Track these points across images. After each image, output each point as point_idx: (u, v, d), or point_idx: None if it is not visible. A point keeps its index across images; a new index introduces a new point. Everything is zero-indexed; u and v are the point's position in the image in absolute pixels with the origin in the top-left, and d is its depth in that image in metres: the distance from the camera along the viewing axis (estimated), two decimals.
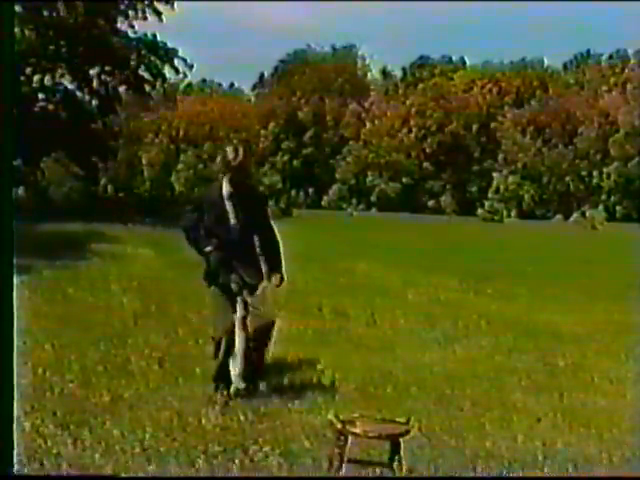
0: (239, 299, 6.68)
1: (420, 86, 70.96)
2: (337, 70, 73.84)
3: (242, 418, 6.28)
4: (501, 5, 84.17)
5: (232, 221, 6.68)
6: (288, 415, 6.44)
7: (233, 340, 6.68)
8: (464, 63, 75.08)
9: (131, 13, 36.76)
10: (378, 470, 4.96)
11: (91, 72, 37.58)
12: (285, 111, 70.38)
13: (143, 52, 37.99)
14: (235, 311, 6.66)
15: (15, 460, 4.05)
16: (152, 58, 38.21)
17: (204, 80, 75.76)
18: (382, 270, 17.33)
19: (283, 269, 6.96)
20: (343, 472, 4.64)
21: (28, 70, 35.76)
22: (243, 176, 6.79)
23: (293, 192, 66.98)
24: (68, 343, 8.59)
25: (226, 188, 6.69)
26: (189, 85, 71.84)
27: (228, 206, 6.68)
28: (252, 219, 6.75)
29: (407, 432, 4.63)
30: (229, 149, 6.80)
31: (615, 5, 64.57)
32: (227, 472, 5.24)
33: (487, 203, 62.25)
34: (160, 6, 36.50)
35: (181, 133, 68.05)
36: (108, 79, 37.96)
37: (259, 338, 6.75)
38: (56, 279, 13.69)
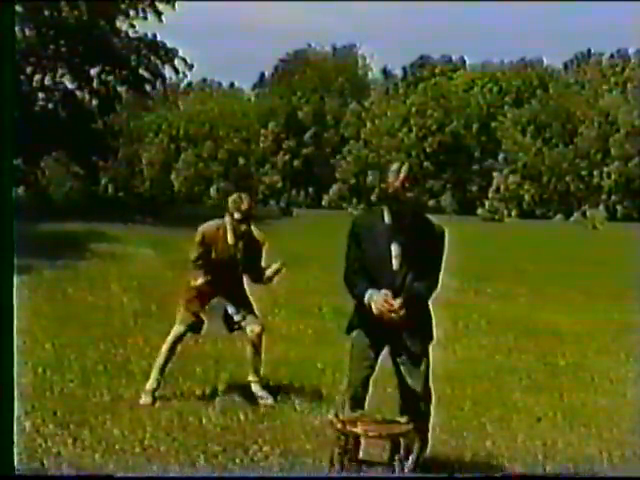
0: None
1: (420, 86, 70.88)
2: (337, 70, 73.78)
3: (242, 418, 6.29)
4: (501, 5, 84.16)
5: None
6: (288, 415, 6.44)
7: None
8: (464, 63, 75.07)
9: (131, 13, 36.78)
10: (378, 470, 4.97)
11: (91, 72, 37.60)
12: (285, 111, 70.32)
13: (143, 52, 38.00)
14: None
15: (15, 460, 4.05)
16: (152, 58, 38.22)
17: (204, 79, 75.73)
18: None
19: None
20: (343, 472, 4.63)
21: (28, 70, 35.78)
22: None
23: (293, 192, 66.97)
24: (68, 343, 8.59)
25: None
26: (189, 84, 71.82)
27: None
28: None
29: (407, 432, 4.62)
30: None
31: (615, 5, 64.58)
32: (227, 472, 5.24)
33: (487, 202, 62.21)
34: (160, 6, 36.52)
35: (181, 132, 67.98)
36: (108, 79, 37.98)
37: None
38: (56, 279, 13.70)
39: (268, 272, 6.96)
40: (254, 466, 5.34)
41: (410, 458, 4.66)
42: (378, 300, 4.76)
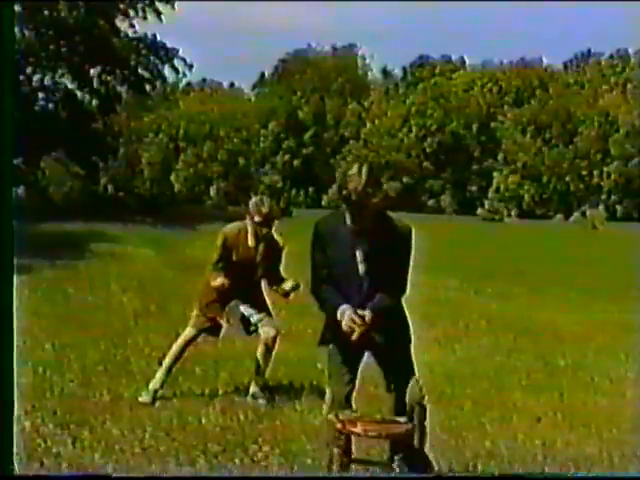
0: None
1: (420, 86, 70.93)
2: (337, 70, 73.80)
3: (242, 418, 6.28)
4: (501, 5, 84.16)
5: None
6: (288, 415, 6.44)
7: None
8: (464, 63, 75.08)
9: (131, 13, 36.76)
10: (378, 470, 4.96)
11: (91, 72, 37.58)
12: (285, 110, 70.35)
13: (143, 52, 37.99)
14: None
15: (15, 460, 4.05)
16: (152, 58, 38.21)
17: (204, 79, 75.76)
18: None
19: None
20: (343, 472, 4.63)
21: (28, 70, 35.77)
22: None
23: (293, 192, 66.97)
24: (68, 342, 8.58)
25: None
26: (189, 84, 71.82)
27: None
28: None
29: (407, 431, 4.62)
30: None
31: (615, 5, 64.59)
32: (227, 472, 5.24)
33: (487, 202, 62.29)
34: (160, 6, 36.50)
35: (181, 132, 68.01)
36: (108, 79, 37.96)
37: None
38: (56, 279, 13.69)
39: (285, 286, 6.98)
40: (254, 466, 5.34)
41: (410, 458, 4.66)
42: (347, 318, 4.61)
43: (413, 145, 67.64)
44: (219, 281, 6.73)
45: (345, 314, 4.63)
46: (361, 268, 4.67)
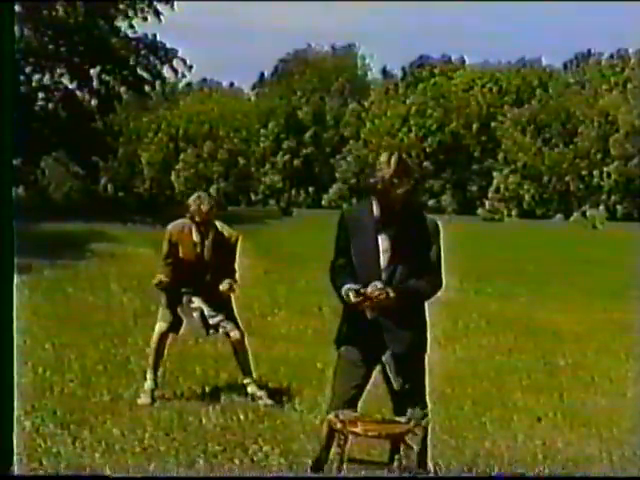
0: None
1: (420, 86, 70.88)
2: (337, 70, 73.76)
3: (242, 418, 6.28)
4: (501, 5, 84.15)
5: None
6: (288, 415, 6.43)
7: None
8: (464, 63, 75.05)
9: (131, 13, 36.76)
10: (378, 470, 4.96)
11: (91, 72, 37.59)
12: (285, 110, 70.32)
13: (143, 52, 38.00)
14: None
15: (15, 460, 4.05)
16: (151, 58, 38.21)
17: (204, 79, 75.70)
18: None
19: None
20: (343, 472, 4.63)
21: (28, 69, 35.78)
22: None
23: (293, 192, 66.95)
24: (68, 342, 8.59)
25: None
26: (189, 84, 71.79)
27: None
28: None
29: (408, 431, 4.62)
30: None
31: (615, 5, 64.56)
32: (227, 472, 5.24)
33: (487, 202, 62.26)
34: (160, 6, 36.51)
35: (181, 132, 67.96)
36: (108, 78, 37.97)
37: None
38: (56, 278, 13.70)
39: (222, 287, 6.72)
40: (254, 466, 5.34)
41: (410, 458, 4.66)
42: (370, 288, 4.42)
43: (413, 145, 67.59)
44: (157, 278, 6.75)
45: (351, 291, 4.46)
46: (383, 259, 4.53)
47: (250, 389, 6.81)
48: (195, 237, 6.71)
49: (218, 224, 6.79)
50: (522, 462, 5.63)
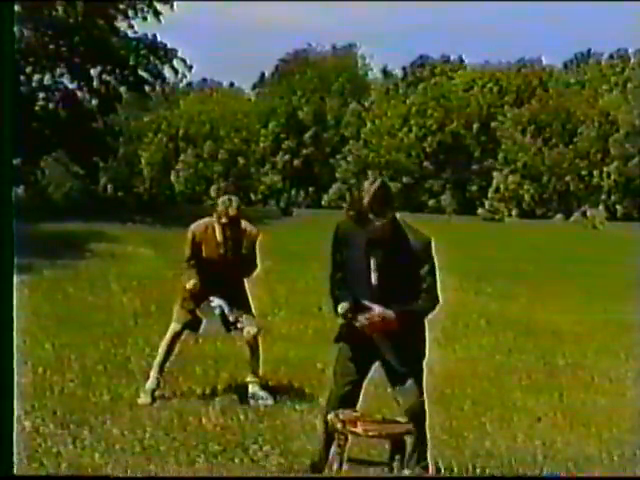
0: None
1: (420, 86, 70.88)
2: (337, 70, 73.74)
3: (242, 418, 6.28)
4: (501, 5, 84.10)
5: None
6: (288, 415, 6.44)
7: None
8: (464, 63, 75.06)
9: (131, 13, 36.75)
10: (378, 470, 4.96)
11: (91, 72, 37.59)
12: (285, 111, 70.31)
13: (143, 52, 37.98)
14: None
15: (15, 460, 4.05)
16: (151, 58, 38.20)
17: (204, 79, 75.70)
18: None
19: None
20: (343, 472, 4.63)
21: (28, 69, 35.77)
22: None
23: (293, 192, 66.95)
24: (68, 342, 8.59)
25: None
26: (189, 84, 71.79)
27: None
28: None
29: (408, 431, 4.62)
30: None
31: (615, 5, 64.55)
32: (227, 472, 5.24)
33: (487, 202, 62.23)
34: (160, 6, 36.49)
35: (181, 132, 67.95)
36: (108, 78, 37.97)
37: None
38: (56, 278, 13.69)
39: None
40: (254, 466, 5.34)
41: (409, 458, 4.66)
42: (371, 313, 4.48)
43: (413, 145, 67.60)
44: (192, 283, 6.77)
45: (345, 308, 4.55)
46: (373, 277, 4.54)
47: (251, 388, 6.83)
48: (219, 237, 6.75)
49: (242, 222, 6.87)
50: (522, 462, 5.63)
